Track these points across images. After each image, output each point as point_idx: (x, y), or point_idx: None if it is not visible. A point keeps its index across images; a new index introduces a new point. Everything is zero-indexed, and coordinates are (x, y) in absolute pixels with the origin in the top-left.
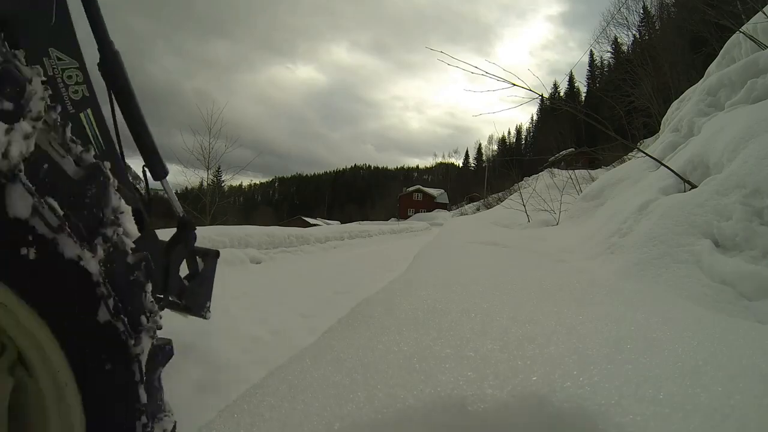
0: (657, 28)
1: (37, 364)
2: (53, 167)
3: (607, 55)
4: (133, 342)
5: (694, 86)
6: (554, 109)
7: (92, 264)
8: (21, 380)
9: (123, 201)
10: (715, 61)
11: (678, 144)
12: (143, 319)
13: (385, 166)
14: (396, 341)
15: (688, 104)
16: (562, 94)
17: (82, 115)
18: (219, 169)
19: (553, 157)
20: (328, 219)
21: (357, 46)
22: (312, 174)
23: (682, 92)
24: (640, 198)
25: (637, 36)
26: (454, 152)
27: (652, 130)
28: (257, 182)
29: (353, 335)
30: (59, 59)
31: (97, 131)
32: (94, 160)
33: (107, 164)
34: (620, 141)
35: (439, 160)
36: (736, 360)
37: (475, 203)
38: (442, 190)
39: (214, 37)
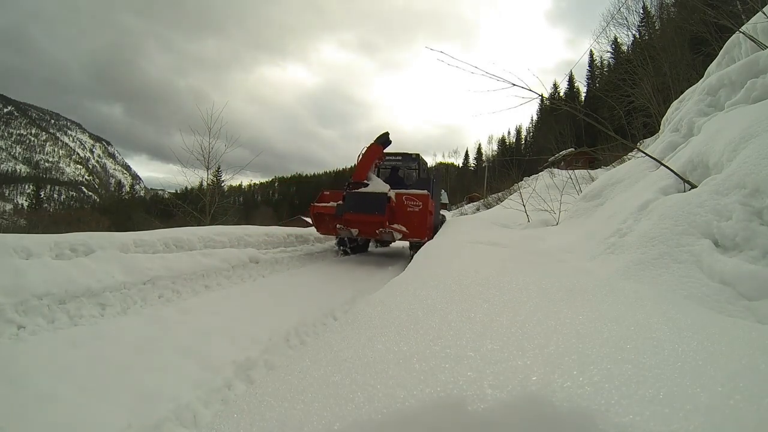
0: (657, 28)
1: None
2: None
3: (607, 55)
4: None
5: (694, 86)
6: (554, 109)
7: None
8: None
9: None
10: (715, 61)
11: (678, 144)
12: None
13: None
14: (396, 341)
15: (688, 104)
16: (561, 94)
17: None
18: (219, 169)
19: (553, 157)
20: None
21: (345, 45)
22: (312, 174)
23: (682, 92)
24: (640, 198)
25: (637, 36)
26: (454, 152)
27: (652, 130)
28: (257, 182)
29: (353, 335)
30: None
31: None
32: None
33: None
34: (620, 141)
35: (439, 159)
36: (736, 360)
37: (474, 203)
38: (442, 190)
39: (205, 35)
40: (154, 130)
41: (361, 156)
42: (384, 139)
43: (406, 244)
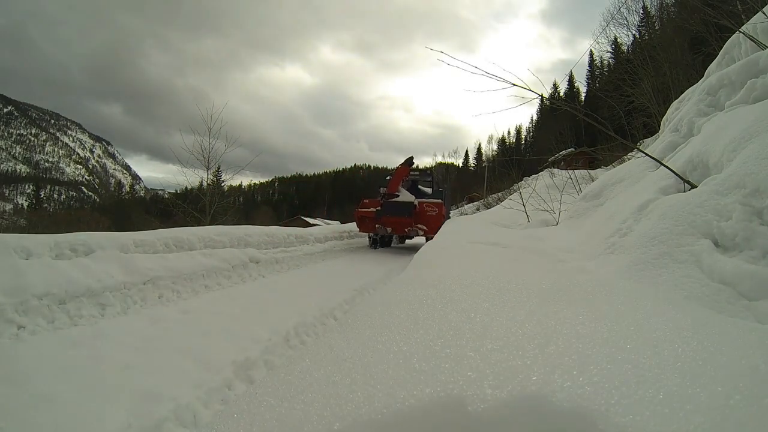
0: (657, 28)
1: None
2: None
3: (607, 55)
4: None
5: (693, 86)
6: (554, 109)
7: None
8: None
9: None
10: (715, 61)
11: (678, 144)
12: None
13: (385, 166)
14: (396, 341)
15: (688, 104)
16: (561, 94)
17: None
18: (219, 169)
19: (553, 157)
20: (327, 219)
21: (342, 45)
22: (312, 174)
23: (682, 92)
24: (639, 198)
25: (637, 36)
26: (454, 152)
27: (652, 130)
28: (257, 182)
29: (353, 335)
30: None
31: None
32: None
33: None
34: (620, 141)
35: (439, 159)
36: (736, 360)
37: (474, 203)
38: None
39: (203, 34)
40: (154, 130)
41: (393, 174)
42: (409, 162)
43: (421, 241)
